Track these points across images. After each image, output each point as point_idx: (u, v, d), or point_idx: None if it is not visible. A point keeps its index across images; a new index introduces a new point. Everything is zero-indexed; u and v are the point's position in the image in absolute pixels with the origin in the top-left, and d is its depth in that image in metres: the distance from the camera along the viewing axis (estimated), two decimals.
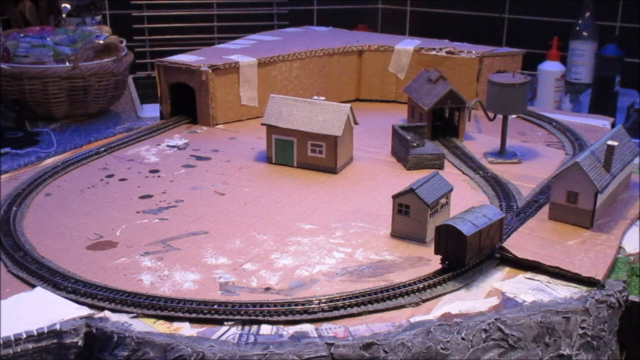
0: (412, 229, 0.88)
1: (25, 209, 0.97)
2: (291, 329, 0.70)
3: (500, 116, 1.14)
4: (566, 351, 0.74)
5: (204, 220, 0.94)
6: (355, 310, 0.73)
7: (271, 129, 1.13)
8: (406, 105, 1.33)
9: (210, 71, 1.29)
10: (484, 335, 0.70)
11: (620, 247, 0.87)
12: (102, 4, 1.99)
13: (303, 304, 0.73)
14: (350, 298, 0.74)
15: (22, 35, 1.67)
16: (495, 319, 0.71)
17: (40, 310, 0.72)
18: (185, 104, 1.34)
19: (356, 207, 0.99)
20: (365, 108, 1.45)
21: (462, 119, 1.24)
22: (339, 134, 1.09)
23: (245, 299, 0.75)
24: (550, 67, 2.12)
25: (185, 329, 0.70)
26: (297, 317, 0.72)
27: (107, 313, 0.72)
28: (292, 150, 1.13)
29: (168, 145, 1.23)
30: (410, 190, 0.87)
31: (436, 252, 0.80)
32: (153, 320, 0.72)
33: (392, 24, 2.48)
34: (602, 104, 1.99)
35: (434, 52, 1.45)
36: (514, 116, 1.33)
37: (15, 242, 0.87)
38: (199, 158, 1.17)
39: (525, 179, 1.08)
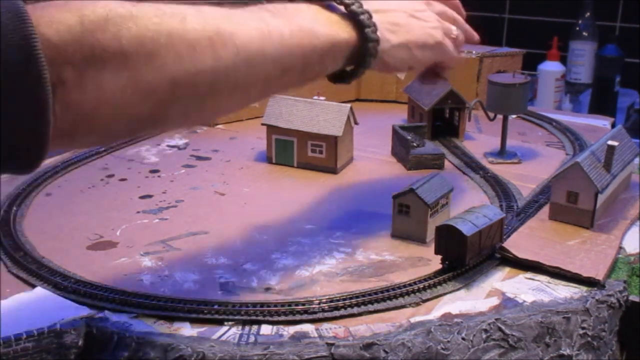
0: (412, 229, 0.88)
1: (25, 209, 0.97)
2: (291, 329, 0.70)
3: (500, 116, 1.14)
4: (566, 351, 0.74)
5: (204, 220, 0.94)
6: (355, 310, 0.73)
7: (271, 129, 1.13)
8: (406, 105, 1.33)
9: None
10: (484, 336, 0.70)
11: (620, 247, 0.87)
12: None
13: (303, 304, 0.73)
14: (351, 298, 0.74)
15: None
16: (496, 319, 0.71)
17: (40, 310, 0.72)
18: None
19: (356, 207, 0.99)
20: (365, 108, 1.45)
21: (462, 119, 1.24)
22: (339, 134, 1.09)
23: (246, 299, 0.74)
24: (550, 67, 2.12)
25: (186, 329, 0.70)
26: (298, 317, 0.71)
27: (107, 313, 0.72)
28: (292, 150, 1.13)
29: (168, 145, 1.23)
30: (411, 190, 0.87)
31: (436, 252, 0.80)
32: (153, 320, 0.72)
33: None
34: (602, 104, 2.00)
35: None
36: (514, 116, 1.32)
37: (15, 242, 0.87)
38: (199, 158, 1.17)
39: (525, 179, 1.08)
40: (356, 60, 0.74)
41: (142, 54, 0.55)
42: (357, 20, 0.72)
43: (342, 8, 0.73)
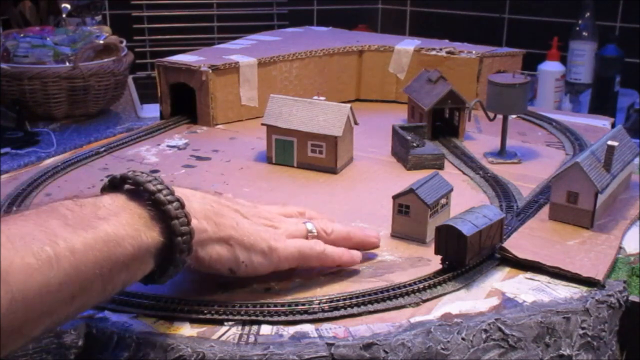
0: (412, 229, 0.88)
1: (25, 209, 0.97)
2: (291, 329, 0.70)
3: (500, 116, 1.14)
4: (566, 351, 0.74)
5: None
6: (355, 310, 0.73)
7: (271, 129, 1.13)
8: (406, 105, 1.33)
9: (210, 71, 1.29)
10: (484, 336, 0.70)
11: (620, 247, 0.87)
12: (102, 4, 1.99)
13: (303, 304, 0.73)
14: (351, 298, 0.74)
15: (22, 35, 1.67)
16: (496, 319, 0.71)
17: None
18: (185, 104, 1.34)
19: (356, 207, 0.99)
20: (365, 108, 1.45)
21: (462, 119, 1.24)
22: (339, 134, 1.09)
23: (246, 299, 0.74)
24: (550, 67, 2.12)
25: (186, 329, 0.70)
26: (298, 317, 0.71)
27: (107, 313, 0.72)
28: (292, 150, 1.13)
29: (168, 146, 1.23)
30: (411, 191, 0.87)
31: (436, 252, 0.80)
32: (153, 320, 0.72)
33: (392, 24, 2.49)
34: (602, 104, 2.00)
35: (434, 52, 1.45)
36: (514, 116, 1.33)
37: None
38: (199, 158, 1.17)
39: (525, 179, 1.08)
40: (167, 258, 0.65)
41: None
42: (162, 210, 0.63)
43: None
